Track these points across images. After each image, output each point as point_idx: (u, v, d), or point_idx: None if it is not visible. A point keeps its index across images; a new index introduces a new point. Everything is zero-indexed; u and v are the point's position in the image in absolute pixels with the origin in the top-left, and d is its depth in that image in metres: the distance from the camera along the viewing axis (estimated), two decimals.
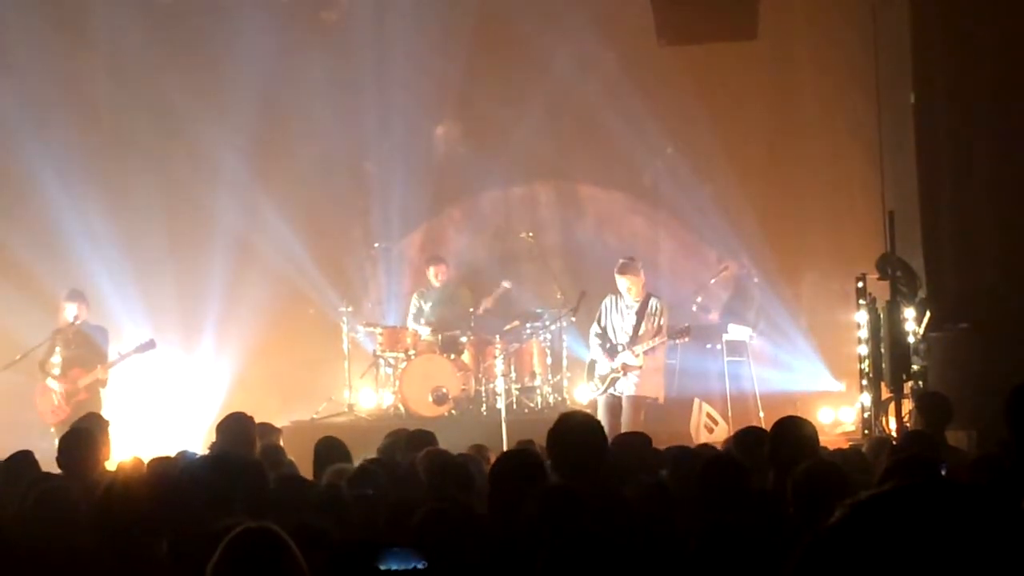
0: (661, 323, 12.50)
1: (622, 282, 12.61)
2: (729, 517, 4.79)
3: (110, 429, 8.63)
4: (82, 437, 7.60)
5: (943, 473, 6.54)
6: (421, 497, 5.93)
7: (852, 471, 6.27)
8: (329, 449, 7.97)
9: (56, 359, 13.47)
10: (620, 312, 12.63)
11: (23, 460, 7.36)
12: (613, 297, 12.69)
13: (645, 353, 12.33)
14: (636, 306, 12.55)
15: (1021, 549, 1.58)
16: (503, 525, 5.20)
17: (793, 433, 6.57)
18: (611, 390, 12.47)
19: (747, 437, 7.21)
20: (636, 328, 12.49)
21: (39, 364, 13.52)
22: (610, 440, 7.26)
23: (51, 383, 13.40)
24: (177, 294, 15.49)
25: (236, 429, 8.02)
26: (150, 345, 13.55)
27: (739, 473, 5.81)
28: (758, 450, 6.59)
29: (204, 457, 7.47)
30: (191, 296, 15.61)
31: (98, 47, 15.83)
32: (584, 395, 13.28)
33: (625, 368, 12.39)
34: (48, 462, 7.36)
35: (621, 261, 12.77)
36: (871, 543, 1.61)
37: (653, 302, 12.59)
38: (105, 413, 10.83)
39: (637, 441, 7.62)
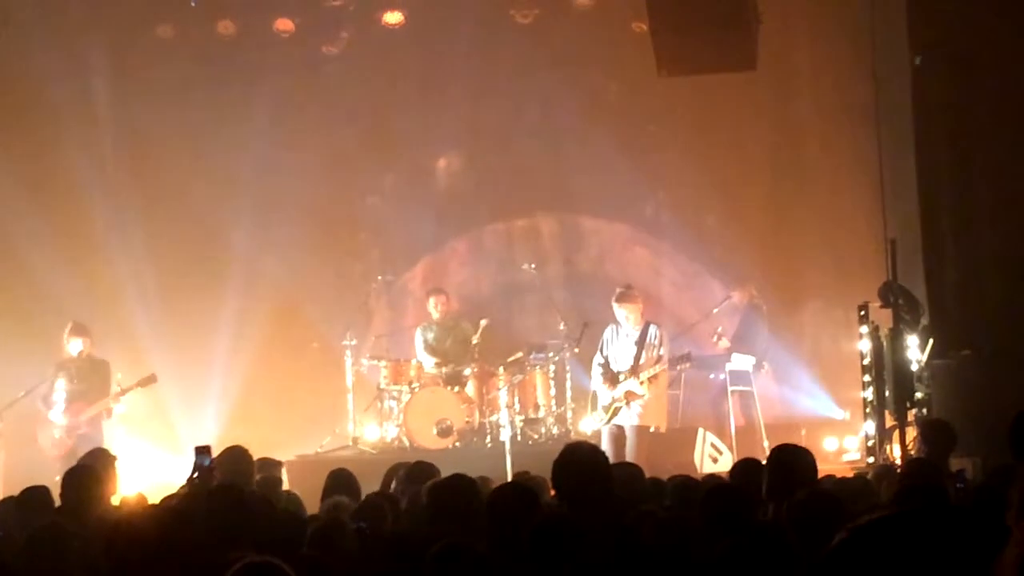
0: (661, 352, 12.53)
1: (620, 311, 12.68)
2: (738, 543, 4.77)
3: (116, 464, 8.62)
4: (85, 474, 7.57)
5: (957, 488, 6.48)
6: (423, 531, 5.90)
7: (857, 500, 6.25)
8: (338, 482, 7.96)
9: (60, 393, 13.46)
10: (620, 341, 12.67)
11: (38, 496, 7.36)
12: (614, 326, 12.75)
13: (649, 380, 12.35)
14: (636, 335, 12.60)
15: None
16: (504, 558, 5.18)
17: (790, 462, 6.54)
18: (614, 420, 12.48)
19: (743, 469, 7.19)
20: (637, 357, 12.53)
21: (42, 398, 13.53)
22: None
23: (53, 416, 13.41)
24: (180, 327, 15.48)
25: (233, 463, 7.99)
26: (151, 379, 13.58)
27: (741, 502, 5.79)
28: (754, 481, 6.54)
29: (209, 491, 7.44)
30: (194, 329, 15.59)
31: (112, 88, 15.87)
32: (589, 426, 13.27)
33: (628, 397, 12.40)
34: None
35: (618, 290, 12.85)
36: (869, 567, 1.61)
37: (652, 330, 12.64)
38: (107, 446, 10.83)
39: (628, 472, 7.55)
